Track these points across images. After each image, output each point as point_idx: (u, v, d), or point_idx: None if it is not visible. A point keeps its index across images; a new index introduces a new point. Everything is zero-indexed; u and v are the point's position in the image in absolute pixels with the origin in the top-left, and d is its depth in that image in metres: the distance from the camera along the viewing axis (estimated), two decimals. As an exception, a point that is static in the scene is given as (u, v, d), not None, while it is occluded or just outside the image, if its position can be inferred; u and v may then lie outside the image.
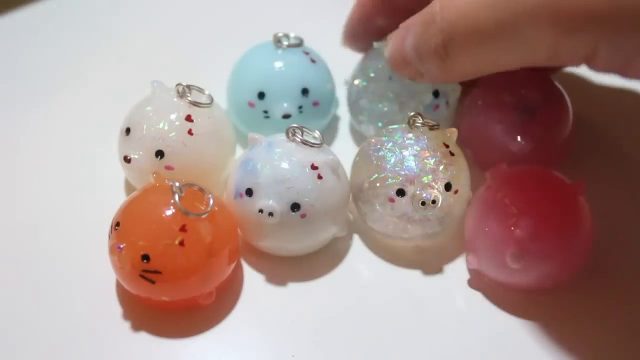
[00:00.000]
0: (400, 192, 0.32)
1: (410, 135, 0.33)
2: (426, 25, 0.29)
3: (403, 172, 0.32)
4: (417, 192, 0.31)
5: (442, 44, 0.28)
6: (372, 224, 0.34)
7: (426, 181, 0.32)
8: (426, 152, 0.32)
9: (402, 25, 0.31)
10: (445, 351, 0.31)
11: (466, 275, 0.34)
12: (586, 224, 0.31)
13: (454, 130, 0.34)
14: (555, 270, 0.31)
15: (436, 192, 0.31)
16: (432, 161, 0.32)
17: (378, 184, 0.32)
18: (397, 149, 0.32)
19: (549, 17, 0.25)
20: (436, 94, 0.36)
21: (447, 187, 0.32)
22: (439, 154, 0.32)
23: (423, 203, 0.31)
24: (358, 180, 0.33)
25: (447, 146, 0.33)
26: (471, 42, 0.27)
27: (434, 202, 0.31)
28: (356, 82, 0.38)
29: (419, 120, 0.33)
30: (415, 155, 0.32)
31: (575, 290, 0.33)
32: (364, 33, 0.38)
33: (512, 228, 0.30)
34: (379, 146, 0.33)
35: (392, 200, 0.32)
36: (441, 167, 0.32)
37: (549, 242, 0.30)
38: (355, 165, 0.34)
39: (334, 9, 0.40)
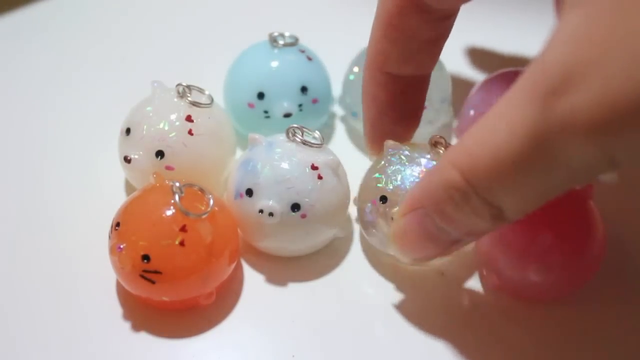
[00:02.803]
0: (383, 199, 0.32)
1: (428, 155, 0.32)
2: (458, 202, 0.24)
3: (397, 183, 0.31)
4: (396, 208, 0.30)
5: (491, 208, 0.24)
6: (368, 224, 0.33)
7: None
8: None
9: (406, 211, 0.27)
10: (444, 349, 0.31)
11: (468, 277, 0.34)
12: (599, 227, 0.31)
13: None
14: (575, 276, 0.31)
15: None
16: None
17: (371, 182, 0.32)
18: (407, 161, 0.32)
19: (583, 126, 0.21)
20: None
21: None
22: None
23: (392, 218, 0.31)
24: (367, 176, 0.33)
25: None
26: (521, 184, 0.23)
27: None
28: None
29: (441, 148, 0.32)
30: (414, 173, 0.31)
31: (595, 295, 0.33)
32: (389, 127, 0.33)
33: (532, 243, 0.30)
34: (395, 150, 0.32)
35: (374, 203, 0.32)
36: None
37: (568, 251, 0.30)
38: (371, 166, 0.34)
39: (325, 8, 0.40)
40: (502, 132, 0.23)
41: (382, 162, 0.32)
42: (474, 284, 0.33)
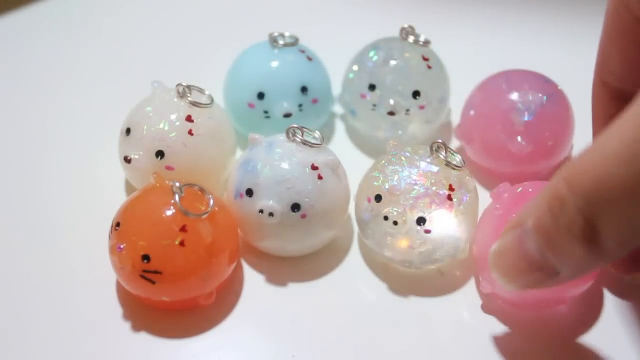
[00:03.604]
0: (378, 197, 0.32)
1: (429, 159, 0.32)
2: (556, 213, 0.23)
3: (393, 183, 0.31)
4: (389, 207, 0.31)
5: (587, 225, 0.23)
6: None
7: (402, 201, 0.31)
8: (424, 178, 0.31)
9: (508, 230, 0.26)
10: (444, 350, 0.31)
11: (468, 278, 0.34)
12: None
13: (473, 183, 0.33)
14: (571, 284, 0.30)
15: (399, 215, 0.31)
16: (420, 190, 0.31)
17: (369, 180, 0.32)
18: (406, 162, 0.32)
19: None
20: (416, 94, 0.37)
21: (420, 220, 0.31)
22: (432, 189, 0.31)
23: (386, 218, 0.31)
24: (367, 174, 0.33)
25: (452, 189, 0.31)
26: (622, 206, 0.22)
27: (395, 222, 0.31)
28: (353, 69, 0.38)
29: (442, 153, 0.32)
30: (411, 175, 0.31)
31: (592, 302, 0.32)
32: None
33: None
34: (397, 151, 0.33)
35: (369, 200, 0.32)
36: (422, 201, 0.31)
37: None
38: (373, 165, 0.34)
39: (325, 8, 0.39)
40: (614, 144, 0.22)
41: (383, 161, 0.33)
42: (474, 284, 0.33)
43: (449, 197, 0.31)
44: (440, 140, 0.32)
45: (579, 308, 0.32)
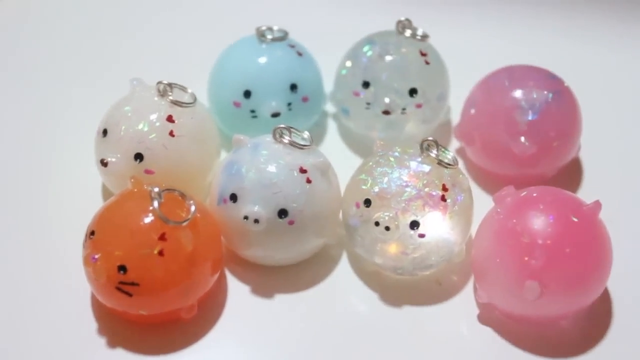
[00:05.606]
0: (367, 202, 0.31)
1: (419, 158, 0.31)
2: None
3: (383, 186, 0.31)
4: (379, 212, 0.30)
5: None
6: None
7: (393, 205, 0.30)
8: (415, 179, 0.31)
9: None
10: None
11: (465, 287, 0.33)
12: (605, 247, 0.30)
13: (467, 182, 0.32)
14: (574, 299, 0.30)
15: (391, 219, 0.30)
16: (412, 192, 0.31)
17: (356, 183, 0.32)
18: (395, 163, 0.31)
19: None
20: (413, 92, 0.36)
21: (414, 224, 0.30)
22: (425, 190, 0.31)
23: (377, 223, 0.30)
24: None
25: (445, 189, 0.31)
26: None
27: (387, 228, 0.30)
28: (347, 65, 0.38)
29: (433, 151, 0.31)
30: (402, 177, 0.31)
31: (594, 318, 0.32)
32: None
33: (527, 259, 0.29)
34: (385, 151, 0.32)
35: (357, 205, 0.31)
36: (415, 204, 0.30)
37: (566, 271, 0.29)
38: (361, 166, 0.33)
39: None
40: None
41: (370, 163, 0.32)
42: (471, 291, 0.33)
43: (443, 198, 0.31)
44: (430, 138, 0.32)
45: (583, 324, 0.32)
